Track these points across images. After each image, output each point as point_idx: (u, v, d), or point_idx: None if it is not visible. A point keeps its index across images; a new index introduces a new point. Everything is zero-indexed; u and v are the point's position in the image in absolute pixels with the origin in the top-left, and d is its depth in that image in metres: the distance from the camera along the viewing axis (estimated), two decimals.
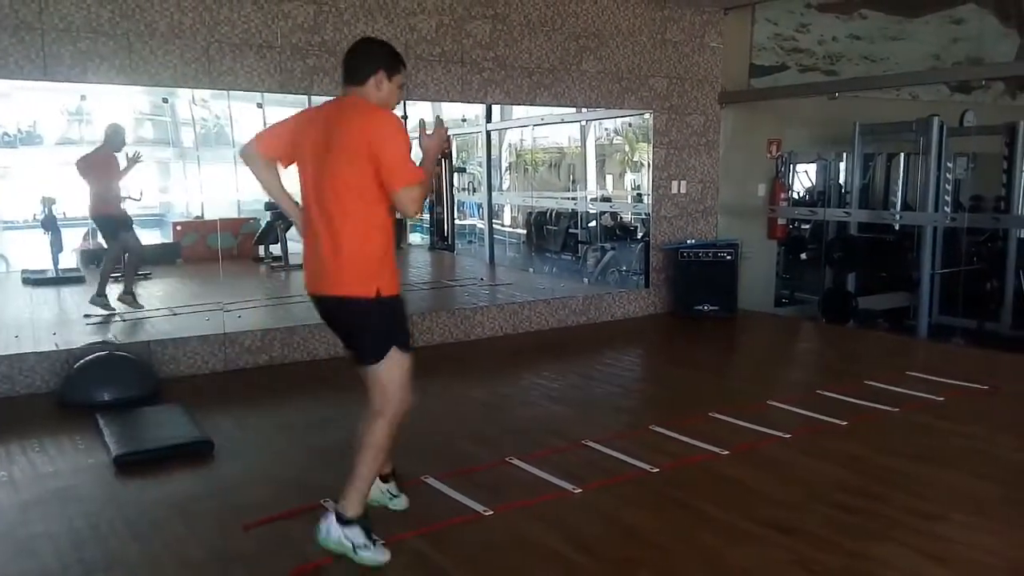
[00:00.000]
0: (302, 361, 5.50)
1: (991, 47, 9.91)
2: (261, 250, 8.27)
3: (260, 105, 9.69)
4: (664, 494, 3.26)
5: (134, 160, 6.45)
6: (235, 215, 10.36)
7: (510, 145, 13.72)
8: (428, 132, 2.67)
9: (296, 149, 2.65)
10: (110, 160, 6.25)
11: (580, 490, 3.23)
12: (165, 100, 9.49)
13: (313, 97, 6.32)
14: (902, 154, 8.70)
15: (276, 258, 8.20)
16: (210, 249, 9.91)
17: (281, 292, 7.74)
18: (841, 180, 9.09)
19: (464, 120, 12.18)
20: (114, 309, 6.13)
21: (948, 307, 7.84)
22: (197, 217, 10.79)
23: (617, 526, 2.98)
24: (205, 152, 10.04)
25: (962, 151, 8.82)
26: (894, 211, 8.64)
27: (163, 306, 6.64)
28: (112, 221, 6.30)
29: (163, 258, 9.53)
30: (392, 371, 2.63)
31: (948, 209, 7.75)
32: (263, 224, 8.22)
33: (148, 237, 10.63)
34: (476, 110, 10.99)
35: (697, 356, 6.02)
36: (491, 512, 3.02)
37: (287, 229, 8.00)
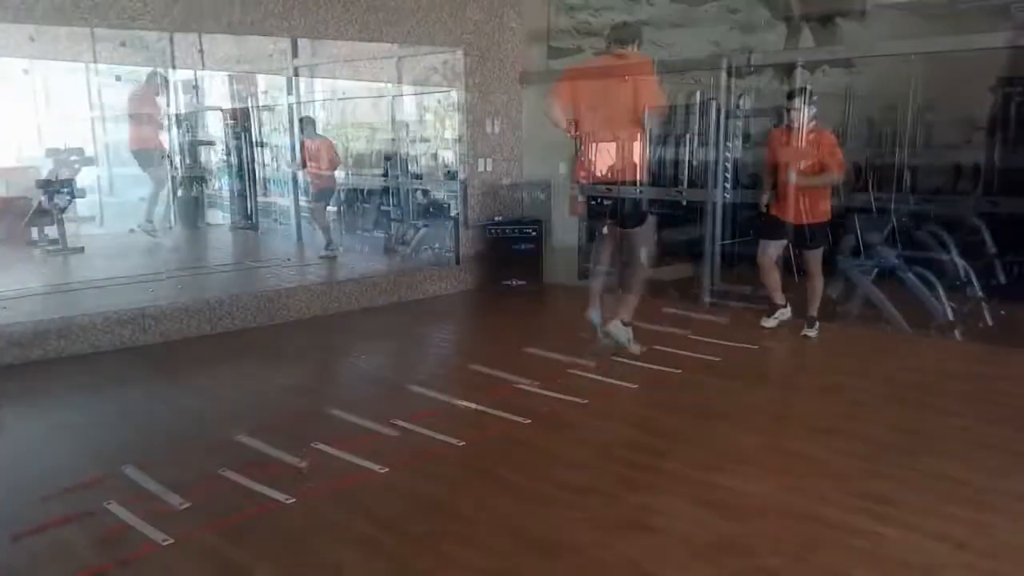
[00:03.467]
0: (83, 355, 5.05)
1: (762, 36, 10.91)
2: (35, 232, 7.44)
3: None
4: (468, 466, 3.36)
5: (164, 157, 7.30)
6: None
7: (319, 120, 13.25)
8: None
9: (581, 95, 4.59)
10: (149, 98, 6.87)
11: (386, 470, 3.24)
12: None
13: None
14: (687, 135, 9.38)
15: (53, 241, 7.40)
16: None
17: (59, 279, 6.99)
18: None
19: (266, 93, 11.59)
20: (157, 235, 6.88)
21: (727, 276, 8.61)
22: None
23: (422, 502, 3.03)
24: None
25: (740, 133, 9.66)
26: (681, 188, 9.31)
27: None
28: (149, 154, 6.85)
29: None
30: (651, 233, 4.71)
31: (728, 186, 8.48)
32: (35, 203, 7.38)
33: None
34: (279, 82, 10.52)
35: (503, 331, 6.20)
36: (292, 500, 2.96)
37: (64, 210, 7.25)
